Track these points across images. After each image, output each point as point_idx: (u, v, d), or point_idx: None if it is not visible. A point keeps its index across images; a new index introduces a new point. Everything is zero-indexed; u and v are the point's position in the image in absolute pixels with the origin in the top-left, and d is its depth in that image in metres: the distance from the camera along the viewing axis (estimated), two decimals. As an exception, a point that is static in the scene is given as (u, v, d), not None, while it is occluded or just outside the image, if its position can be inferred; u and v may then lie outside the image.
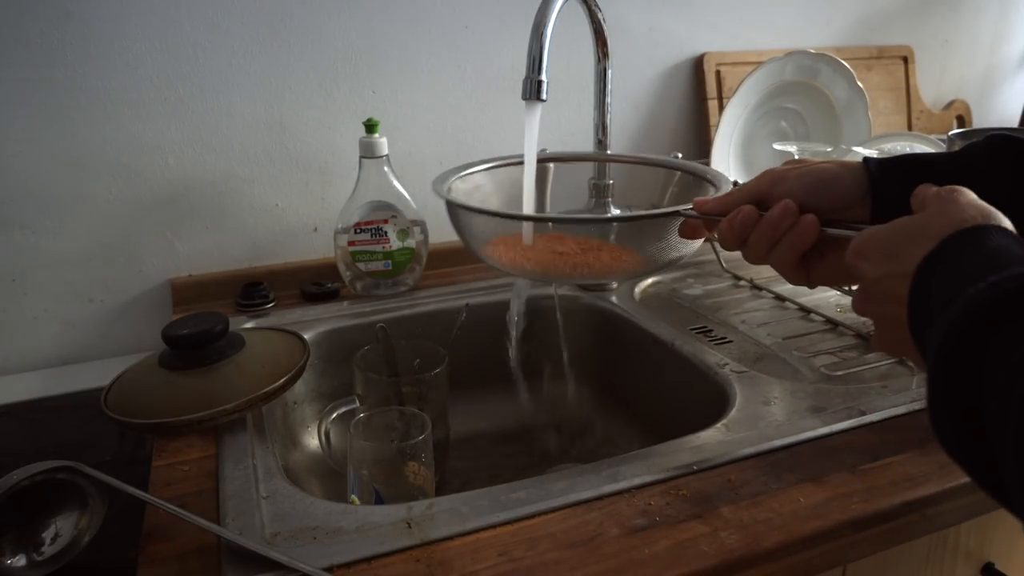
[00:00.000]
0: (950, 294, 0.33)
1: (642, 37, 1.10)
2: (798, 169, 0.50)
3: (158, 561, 0.47)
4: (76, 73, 0.83)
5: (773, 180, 0.50)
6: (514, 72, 1.02)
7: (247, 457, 0.58)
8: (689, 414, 0.72)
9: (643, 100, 1.13)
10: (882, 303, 0.40)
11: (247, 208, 0.95)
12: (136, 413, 0.60)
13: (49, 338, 0.90)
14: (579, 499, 0.51)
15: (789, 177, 0.49)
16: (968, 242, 0.35)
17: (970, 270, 0.33)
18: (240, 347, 0.67)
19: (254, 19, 0.89)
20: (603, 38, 0.82)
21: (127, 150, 0.87)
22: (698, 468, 0.55)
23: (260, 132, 0.93)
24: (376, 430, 0.65)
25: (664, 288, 0.96)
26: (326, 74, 0.94)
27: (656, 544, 0.47)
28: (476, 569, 0.45)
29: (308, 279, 0.94)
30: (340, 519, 0.50)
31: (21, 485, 0.47)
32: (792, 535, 0.48)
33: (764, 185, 0.50)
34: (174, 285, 0.92)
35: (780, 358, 0.75)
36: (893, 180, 0.47)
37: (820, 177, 0.49)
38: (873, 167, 0.48)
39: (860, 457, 0.56)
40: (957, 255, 0.35)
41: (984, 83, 1.45)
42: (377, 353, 0.77)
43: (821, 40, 1.24)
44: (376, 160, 0.87)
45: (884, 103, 1.28)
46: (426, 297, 0.91)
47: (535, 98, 0.65)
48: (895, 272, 0.38)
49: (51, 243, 0.87)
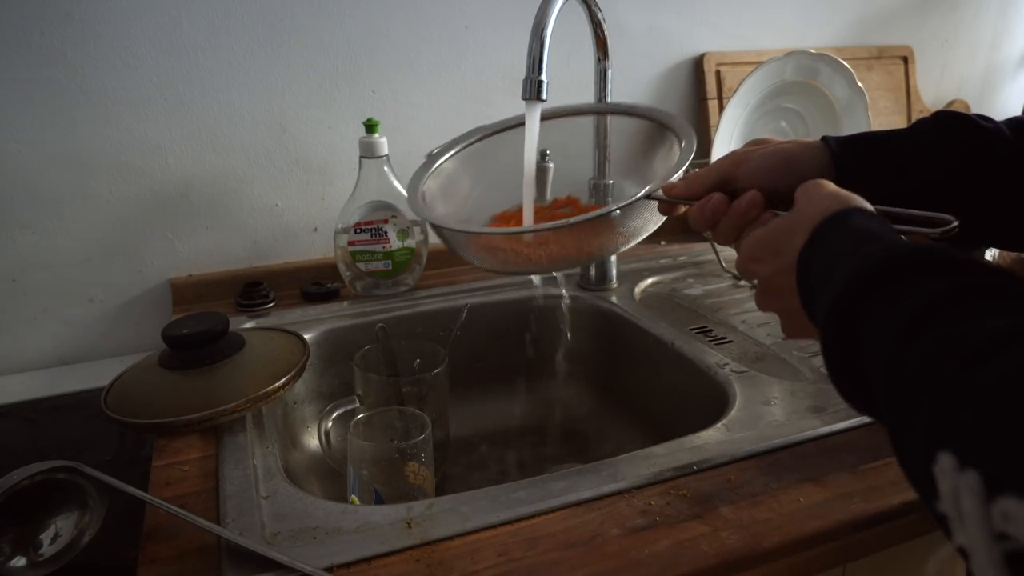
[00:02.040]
0: (825, 276, 0.37)
1: (642, 37, 1.10)
2: (761, 149, 0.52)
3: (158, 561, 0.47)
4: (76, 73, 0.83)
5: (737, 161, 0.52)
6: (514, 72, 1.02)
7: (247, 457, 0.58)
8: (689, 414, 0.72)
9: (643, 100, 1.13)
10: (779, 297, 0.44)
11: (247, 208, 0.95)
12: (136, 413, 0.60)
13: (49, 338, 0.90)
14: (579, 499, 0.51)
15: (752, 158, 0.51)
16: (834, 227, 0.39)
17: (839, 251, 0.37)
18: (240, 347, 0.67)
19: (254, 19, 0.89)
20: (603, 38, 0.82)
21: (127, 150, 0.87)
22: (698, 468, 0.55)
23: (260, 132, 0.93)
24: (376, 430, 0.65)
25: (664, 288, 0.96)
26: (326, 74, 0.94)
27: (656, 544, 0.47)
28: (476, 569, 0.45)
29: (308, 279, 0.94)
30: (340, 519, 0.50)
31: (21, 485, 0.47)
32: (792, 535, 0.48)
33: (728, 166, 0.52)
34: (174, 285, 0.92)
35: (780, 358, 0.75)
36: (852, 156, 0.50)
37: (782, 158, 0.50)
38: (833, 144, 0.51)
39: (860, 457, 0.56)
40: (828, 240, 0.39)
41: (984, 83, 1.45)
42: (377, 353, 0.77)
43: (821, 40, 1.24)
44: (376, 160, 0.87)
45: (884, 103, 1.28)
46: (426, 297, 0.91)
47: (535, 98, 0.65)
48: (782, 267, 0.43)
49: (51, 243, 0.87)
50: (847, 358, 0.35)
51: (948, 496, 0.26)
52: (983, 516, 0.24)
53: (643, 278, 0.97)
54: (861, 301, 0.34)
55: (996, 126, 0.49)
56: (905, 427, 0.30)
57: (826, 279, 0.37)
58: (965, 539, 0.25)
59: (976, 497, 0.24)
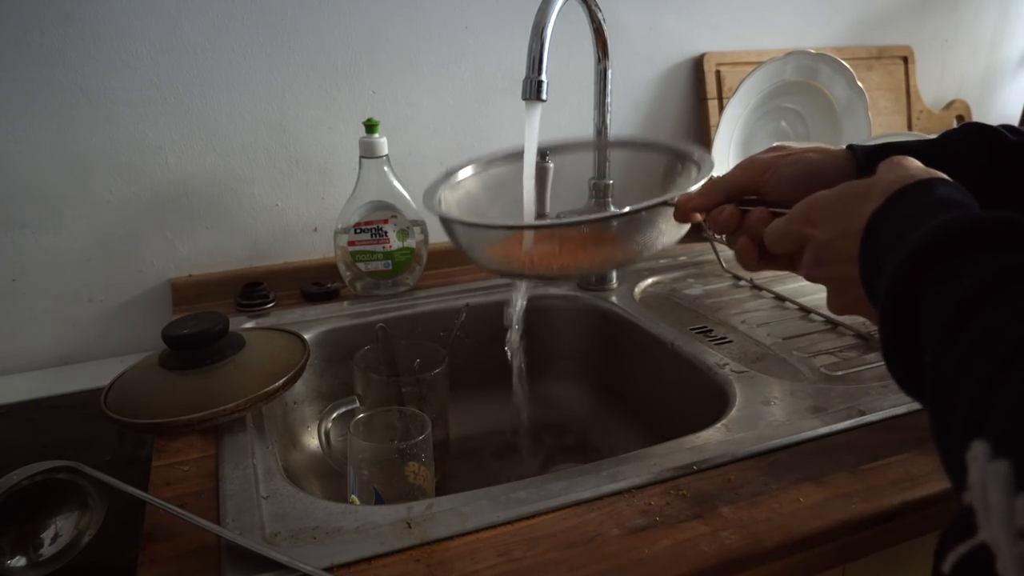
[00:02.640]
0: (895, 242, 0.34)
1: (642, 37, 1.10)
2: (787, 158, 0.50)
3: (158, 561, 0.47)
4: (77, 73, 0.83)
5: (762, 168, 0.50)
6: (514, 72, 1.02)
7: (247, 457, 0.58)
8: (689, 414, 0.72)
9: (643, 100, 1.13)
10: (834, 264, 0.41)
11: (247, 208, 0.95)
12: (136, 413, 0.60)
13: (49, 338, 0.90)
14: (579, 499, 0.51)
15: (779, 166, 0.49)
16: (914, 194, 0.36)
17: (915, 218, 0.34)
18: (240, 347, 0.67)
19: (254, 19, 0.89)
20: (603, 38, 0.82)
21: (127, 150, 0.87)
22: (698, 468, 0.55)
23: (260, 132, 0.93)
24: (376, 430, 0.65)
25: (664, 288, 0.96)
26: (326, 74, 0.94)
27: (656, 544, 0.47)
28: (476, 569, 0.45)
29: (308, 279, 0.94)
30: (340, 519, 0.50)
31: (21, 485, 0.47)
32: (792, 535, 0.48)
33: (753, 174, 0.50)
34: (174, 285, 0.92)
35: (780, 358, 0.75)
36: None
37: (808, 169, 0.49)
38: (859, 154, 0.49)
39: (860, 457, 0.56)
40: (903, 207, 0.36)
41: (984, 83, 1.45)
42: (377, 353, 0.77)
43: (821, 40, 1.24)
44: (376, 160, 0.87)
45: (884, 103, 1.28)
46: (426, 297, 0.91)
47: (535, 98, 0.65)
48: (846, 231, 0.39)
49: (51, 243, 0.87)
50: (903, 334, 0.33)
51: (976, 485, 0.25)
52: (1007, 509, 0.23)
53: (643, 278, 0.97)
54: (925, 270, 0.31)
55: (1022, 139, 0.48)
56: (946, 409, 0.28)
57: (893, 246, 0.34)
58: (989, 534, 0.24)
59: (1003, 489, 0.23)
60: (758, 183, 0.50)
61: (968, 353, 0.28)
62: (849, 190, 0.41)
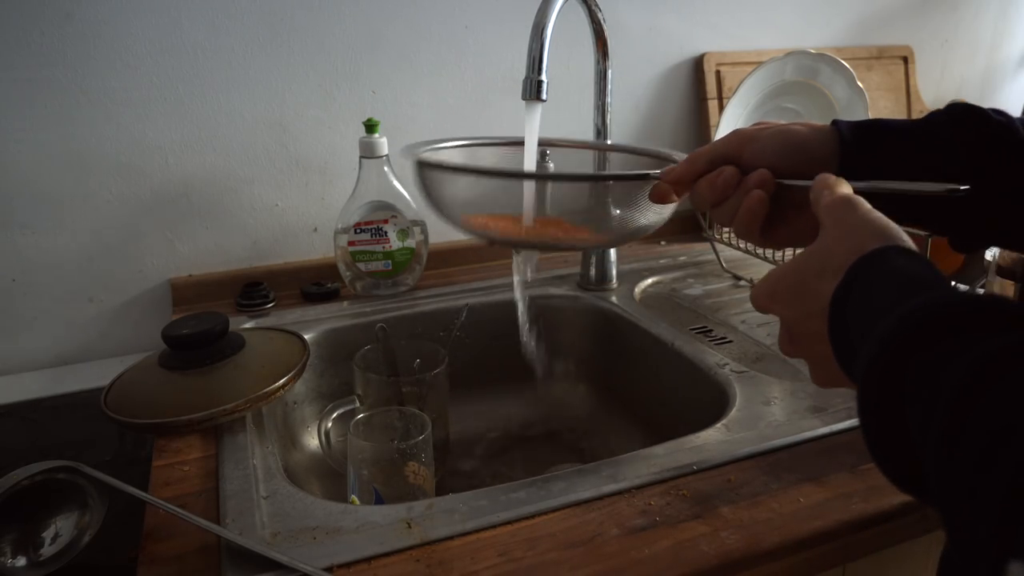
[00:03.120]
0: (865, 327, 0.33)
1: (642, 37, 1.10)
2: (768, 129, 0.49)
3: (158, 561, 0.47)
4: (76, 73, 0.83)
5: (744, 140, 0.49)
6: (514, 72, 1.02)
7: (247, 457, 0.58)
8: (689, 414, 0.72)
9: (643, 100, 1.13)
10: (808, 343, 0.40)
11: (247, 208, 0.95)
12: (136, 413, 0.60)
13: (49, 338, 0.90)
14: (579, 499, 0.51)
15: (761, 137, 0.49)
16: (872, 269, 0.35)
17: (879, 300, 0.33)
18: (240, 347, 0.67)
19: (254, 19, 0.89)
20: (603, 38, 0.82)
21: (127, 150, 0.87)
22: (698, 468, 0.55)
23: (260, 132, 0.93)
24: (376, 430, 0.65)
25: (664, 288, 0.96)
26: (326, 74, 0.94)
27: (656, 544, 0.47)
28: (476, 569, 0.45)
29: (308, 279, 0.94)
30: (340, 519, 0.50)
31: (21, 485, 0.47)
32: (792, 535, 0.48)
33: (734, 144, 0.50)
34: (174, 285, 0.92)
35: (780, 358, 0.75)
36: (861, 144, 0.48)
37: (791, 140, 0.48)
38: (844, 129, 0.49)
39: (860, 457, 0.56)
40: (865, 286, 0.35)
41: (984, 83, 1.45)
42: (377, 353, 0.77)
43: (821, 40, 1.24)
44: (376, 160, 0.87)
45: (884, 103, 1.28)
46: (426, 297, 0.91)
47: (535, 98, 0.65)
48: (810, 311, 0.38)
49: (51, 243, 0.87)
50: (887, 420, 0.32)
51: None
52: None
53: (643, 278, 0.97)
54: (907, 359, 0.30)
55: (1009, 120, 0.47)
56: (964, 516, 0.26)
57: (866, 332, 0.33)
58: None
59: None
60: (740, 153, 0.49)
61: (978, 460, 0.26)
62: (806, 266, 0.39)
